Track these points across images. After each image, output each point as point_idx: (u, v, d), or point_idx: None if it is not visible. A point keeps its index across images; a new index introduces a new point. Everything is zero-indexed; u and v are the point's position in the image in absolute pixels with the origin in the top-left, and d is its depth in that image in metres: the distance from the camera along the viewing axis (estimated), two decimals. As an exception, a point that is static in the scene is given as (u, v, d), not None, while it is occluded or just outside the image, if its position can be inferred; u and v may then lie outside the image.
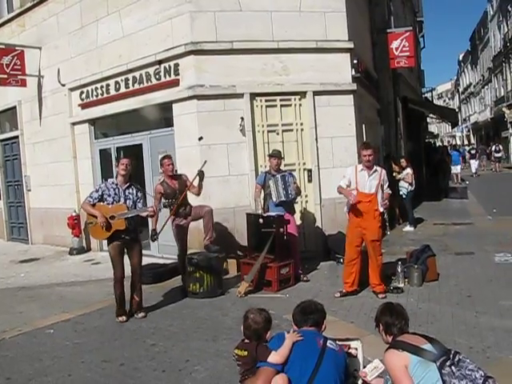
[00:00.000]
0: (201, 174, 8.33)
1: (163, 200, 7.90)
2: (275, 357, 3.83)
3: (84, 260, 11.81)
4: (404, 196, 13.43)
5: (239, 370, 4.04)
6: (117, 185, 6.98)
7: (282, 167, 8.96)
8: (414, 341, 3.66)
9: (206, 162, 8.44)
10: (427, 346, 3.58)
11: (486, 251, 9.92)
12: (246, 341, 4.08)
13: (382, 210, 7.52)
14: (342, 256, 8.14)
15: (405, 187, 13.32)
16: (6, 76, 13.19)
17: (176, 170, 8.66)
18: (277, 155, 8.76)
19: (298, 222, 9.71)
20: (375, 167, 7.59)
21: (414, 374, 3.49)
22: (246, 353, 3.96)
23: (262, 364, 3.84)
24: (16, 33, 14.36)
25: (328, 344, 3.93)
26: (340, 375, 3.90)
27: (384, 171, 7.74)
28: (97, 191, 6.96)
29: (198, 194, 8.54)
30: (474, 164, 31.34)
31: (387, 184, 7.66)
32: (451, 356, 3.54)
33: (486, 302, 6.86)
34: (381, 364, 3.95)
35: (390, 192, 7.78)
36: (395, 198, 13.76)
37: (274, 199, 8.53)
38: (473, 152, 33.19)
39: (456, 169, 26.14)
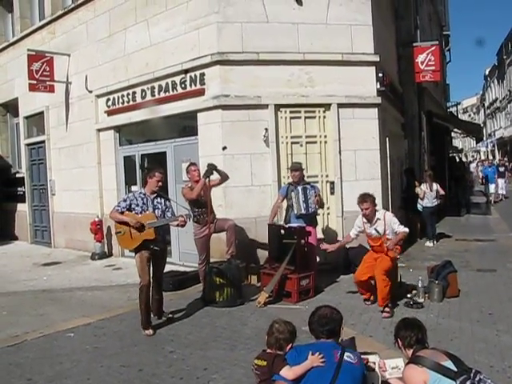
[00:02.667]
0: (211, 167, 8.27)
1: (192, 211, 7.84)
2: (287, 372, 3.82)
3: (105, 265, 11.90)
4: (421, 211, 13.38)
5: (256, 381, 4.06)
6: (145, 194, 6.99)
7: (305, 179, 8.97)
8: (435, 357, 3.64)
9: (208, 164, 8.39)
10: (448, 363, 3.56)
11: (508, 269, 9.81)
12: (268, 351, 4.10)
13: (389, 246, 7.41)
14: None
15: (420, 203, 13.28)
16: (35, 82, 13.46)
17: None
18: (295, 168, 8.81)
19: (320, 234, 9.68)
20: (377, 216, 7.68)
21: (432, 390, 3.48)
22: (264, 363, 3.98)
23: (278, 378, 3.84)
24: (46, 40, 14.62)
25: (345, 357, 3.89)
26: (358, 388, 3.90)
27: (389, 214, 7.81)
28: (125, 201, 6.96)
29: (226, 179, 8.65)
30: (501, 184, 26.32)
31: (397, 224, 7.63)
32: (472, 375, 3.50)
33: (508, 320, 6.78)
34: (404, 367, 3.94)
35: (406, 230, 7.67)
36: (414, 213, 13.76)
37: (295, 211, 8.59)
38: (501, 170, 27.44)
39: (491, 188, 24.50)
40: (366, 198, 7.68)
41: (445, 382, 3.48)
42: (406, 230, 7.70)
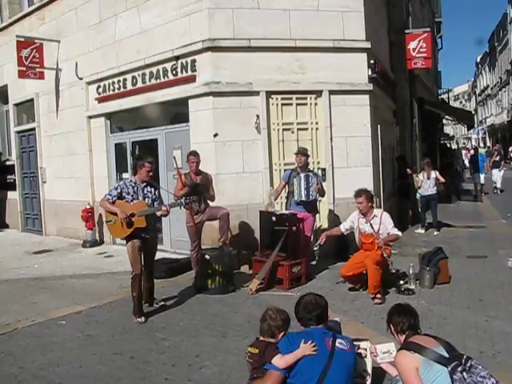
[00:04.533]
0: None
1: (182, 199, 7.75)
2: (279, 361, 3.82)
3: (97, 253, 11.88)
4: (419, 199, 13.48)
5: (249, 368, 4.07)
6: (135, 183, 6.99)
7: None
8: (427, 343, 3.65)
9: None
10: (440, 350, 3.57)
11: (498, 255, 9.87)
12: (261, 338, 4.10)
13: (379, 243, 7.45)
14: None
15: (419, 192, 13.34)
16: (24, 68, 13.30)
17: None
18: (300, 152, 8.85)
19: (319, 221, 9.82)
20: (374, 212, 7.72)
21: (424, 376, 3.50)
22: (257, 350, 3.99)
23: (270, 366, 3.83)
24: (35, 26, 14.45)
25: (337, 344, 3.90)
26: (350, 375, 3.91)
27: (385, 214, 7.79)
28: (116, 189, 6.95)
29: (211, 199, 8.68)
30: (497, 175, 22.53)
31: (392, 225, 7.67)
32: (463, 361, 3.52)
33: (498, 306, 6.84)
34: (395, 352, 3.97)
35: (399, 233, 7.75)
36: (407, 201, 13.84)
37: (296, 198, 8.64)
38: (497, 159, 23.28)
39: (480, 178, 21.32)
40: (360, 193, 7.72)
41: (436, 368, 3.49)
42: (399, 233, 7.78)
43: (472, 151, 27.93)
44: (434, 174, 13.15)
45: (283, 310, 4.24)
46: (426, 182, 13.06)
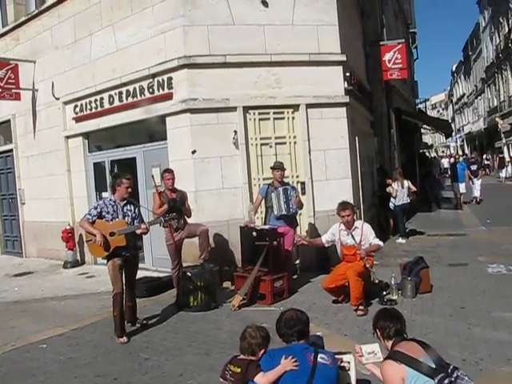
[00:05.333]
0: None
1: (163, 216, 7.70)
2: (261, 378, 3.81)
3: (78, 273, 11.76)
4: (392, 209, 13.58)
5: (229, 386, 4.04)
6: (115, 202, 6.96)
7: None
8: (414, 352, 3.61)
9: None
10: (426, 360, 3.55)
11: (479, 262, 9.95)
12: (241, 356, 4.08)
13: (361, 254, 7.51)
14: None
15: (392, 201, 13.45)
16: (0, 90, 13.21)
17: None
18: (279, 167, 8.87)
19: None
20: (355, 224, 7.77)
21: (410, 387, 3.49)
22: (238, 370, 3.96)
23: None
24: (10, 46, 14.40)
25: (319, 359, 3.89)
26: (332, 389, 3.89)
27: (366, 225, 7.85)
28: (95, 208, 6.91)
29: (189, 215, 8.70)
30: (476, 185, 21.73)
31: (373, 236, 7.73)
32: (449, 372, 3.51)
33: (479, 313, 6.88)
34: (379, 352, 3.97)
35: (380, 243, 7.82)
36: (388, 211, 13.94)
37: (276, 212, 8.63)
38: (474, 168, 22.69)
39: (461, 188, 20.26)
40: (346, 206, 7.76)
41: (423, 380, 3.47)
42: (381, 243, 7.84)
43: (452, 159, 28.09)
44: (406, 183, 13.42)
45: (263, 327, 4.23)
46: (401, 192, 13.27)
